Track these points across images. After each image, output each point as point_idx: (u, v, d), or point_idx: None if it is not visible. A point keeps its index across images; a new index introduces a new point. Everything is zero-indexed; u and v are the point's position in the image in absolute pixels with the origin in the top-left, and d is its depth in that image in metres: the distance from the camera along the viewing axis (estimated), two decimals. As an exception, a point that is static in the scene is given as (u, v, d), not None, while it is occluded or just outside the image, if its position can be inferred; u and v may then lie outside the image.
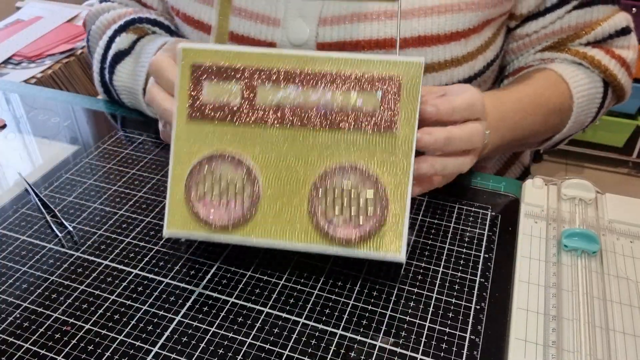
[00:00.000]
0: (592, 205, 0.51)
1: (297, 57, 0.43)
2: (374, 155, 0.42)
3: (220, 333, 0.42)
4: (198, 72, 0.44)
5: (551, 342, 0.40)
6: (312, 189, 0.42)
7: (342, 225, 0.42)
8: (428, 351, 0.40)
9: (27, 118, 0.69)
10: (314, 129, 0.43)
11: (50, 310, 0.43)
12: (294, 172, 0.43)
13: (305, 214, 0.42)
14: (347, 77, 0.42)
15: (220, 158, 0.43)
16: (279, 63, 0.43)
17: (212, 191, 0.43)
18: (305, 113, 0.43)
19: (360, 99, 0.42)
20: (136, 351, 0.40)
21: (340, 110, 0.42)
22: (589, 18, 0.64)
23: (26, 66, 1.31)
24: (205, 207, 0.43)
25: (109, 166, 0.59)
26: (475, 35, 0.60)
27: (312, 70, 0.43)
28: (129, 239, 0.50)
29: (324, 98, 0.42)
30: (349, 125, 0.42)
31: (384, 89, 0.42)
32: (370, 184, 0.42)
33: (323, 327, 0.42)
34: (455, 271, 0.47)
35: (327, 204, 0.42)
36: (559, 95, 0.63)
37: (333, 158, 0.42)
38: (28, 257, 0.48)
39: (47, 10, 1.54)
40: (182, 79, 0.44)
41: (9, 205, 0.54)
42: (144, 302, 0.44)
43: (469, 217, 0.52)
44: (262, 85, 0.43)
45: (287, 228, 0.43)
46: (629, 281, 0.44)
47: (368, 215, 0.41)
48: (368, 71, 0.42)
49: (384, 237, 0.42)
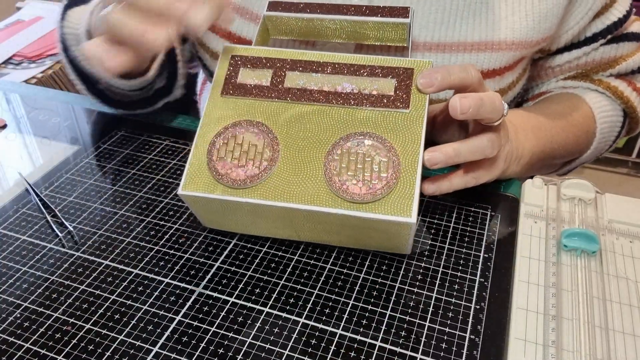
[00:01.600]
0: (591, 205, 0.51)
1: (325, 55, 0.48)
2: (388, 126, 0.45)
3: (220, 333, 0.42)
4: (235, 59, 0.49)
5: (551, 341, 0.40)
6: (329, 153, 0.44)
7: (354, 185, 0.43)
8: (428, 351, 0.40)
9: (28, 118, 0.69)
10: (335, 105, 0.46)
11: (51, 310, 0.43)
12: (313, 140, 0.45)
13: (320, 175, 0.44)
14: (367, 67, 0.47)
15: (245, 123, 0.46)
16: (309, 57, 0.48)
17: (232, 154, 0.45)
18: (327, 94, 0.47)
19: (377, 84, 0.46)
20: (136, 351, 0.40)
21: (359, 92, 0.46)
22: (615, 54, 0.65)
23: (27, 66, 1.31)
24: (223, 167, 0.45)
25: (109, 166, 0.59)
26: (509, 72, 0.60)
27: (337, 61, 0.48)
28: (129, 239, 0.50)
29: (345, 82, 0.47)
30: (367, 104, 0.46)
31: (399, 77, 0.46)
32: (383, 150, 0.44)
33: (323, 327, 0.42)
34: (455, 271, 0.47)
35: (341, 166, 0.44)
36: (585, 117, 0.64)
37: (350, 126, 0.45)
38: (28, 257, 0.48)
39: (47, 10, 1.54)
40: (221, 68, 0.49)
41: (9, 205, 0.54)
42: (144, 302, 0.44)
43: (469, 217, 0.52)
44: (291, 71, 0.48)
45: (301, 189, 0.44)
46: (628, 281, 0.44)
47: (380, 176, 0.43)
48: (386, 64, 0.47)
49: (396, 199, 0.42)
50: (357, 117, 0.46)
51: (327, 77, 0.47)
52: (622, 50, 0.65)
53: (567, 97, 0.66)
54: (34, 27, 1.45)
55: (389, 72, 0.47)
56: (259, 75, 0.48)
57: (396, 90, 0.46)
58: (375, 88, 0.46)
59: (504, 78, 0.60)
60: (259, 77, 0.48)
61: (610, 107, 0.66)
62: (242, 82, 0.48)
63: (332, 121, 0.46)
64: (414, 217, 0.42)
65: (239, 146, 0.46)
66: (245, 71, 0.49)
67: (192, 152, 0.46)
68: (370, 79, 0.47)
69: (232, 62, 0.49)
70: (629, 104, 0.66)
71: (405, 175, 0.43)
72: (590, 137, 0.66)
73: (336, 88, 0.47)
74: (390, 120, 0.45)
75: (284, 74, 0.48)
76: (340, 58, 0.48)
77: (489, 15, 0.57)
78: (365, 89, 0.46)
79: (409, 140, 0.44)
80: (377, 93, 0.46)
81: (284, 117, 0.46)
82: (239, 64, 0.49)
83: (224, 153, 0.45)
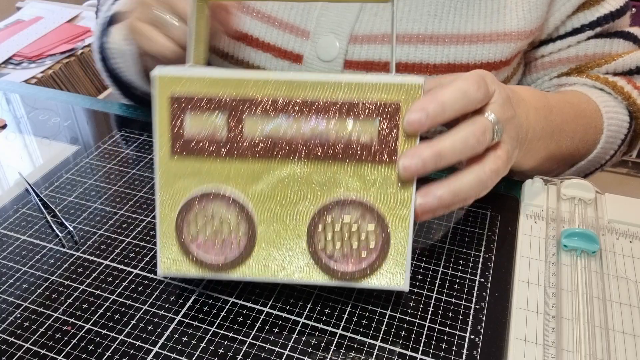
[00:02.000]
0: (591, 205, 0.51)
1: (286, 82, 0.39)
2: (374, 187, 0.40)
3: (220, 333, 0.42)
4: (177, 104, 0.39)
5: (551, 341, 0.40)
6: (311, 225, 0.40)
7: (343, 260, 0.41)
8: (428, 351, 0.40)
9: (28, 118, 0.69)
10: (309, 161, 0.40)
11: (51, 310, 0.43)
12: (290, 207, 0.41)
13: (304, 249, 0.41)
14: (341, 104, 0.38)
15: (211, 196, 0.40)
16: (266, 90, 0.39)
17: (205, 231, 0.41)
18: (298, 145, 0.39)
19: (356, 128, 0.39)
20: (136, 351, 0.40)
21: (336, 141, 0.39)
22: (609, 49, 0.63)
23: (27, 66, 1.31)
24: (199, 248, 0.42)
25: (109, 166, 0.59)
26: (506, 67, 0.59)
27: (303, 97, 0.39)
28: (129, 239, 0.50)
29: (317, 128, 0.39)
30: (346, 157, 0.39)
31: (382, 116, 0.38)
32: (370, 217, 0.40)
33: (323, 327, 0.42)
34: (455, 271, 0.47)
35: (326, 240, 0.40)
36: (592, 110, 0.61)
37: (331, 192, 0.40)
38: (28, 257, 0.48)
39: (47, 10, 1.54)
40: (161, 110, 0.40)
41: (9, 205, 0.54)
42: (144, 302, 0.44)
43: (469, 217, 0.52)
44: (249, 116, 0.39)
45: (286, 264, 0.42)
46: (628, 281, 0.44)
47: (369, 248, 0.40)
48: (364, 96, 0.38)
49: (387, 269, 0.41)
50: (337, 176, 0.40)
51: (295, 121, 0.39)
52: (616, 47, 0.63)
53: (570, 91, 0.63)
54: (34, 27, 1.45)
55: (371, 110, 0.38)
56: (211, 123, 0.40)
57: (380, 136, 0.39)
58: (356, 135, 0.39)
59: (500, 72, 0.59)
60: (212, 125, 0.40)
61: (614, 103, 0.62)
62: (193, 136, 0.40)
63: (308, 183, 0.40)
64: (406, 284, 0.41)
65: (211, 223, 0.41)
66: (192, 118, 0.40)
67: (159, 230, 0.42)
68: (348, 121, 0.39)
69: (174, 108, 0.40)
70: (630, 100, 0.62)
71: (396, 242, 0.40)
72: (598, 135, 0.61)
73: (308, 137, 0.39)
74: (375, 176, 0.40)
75: (241, 119, 0.39)
76: (308, 89, 0.39)
77: (482, 6, 0.56)
78: (343, 136, 0.39)
79: (398, 201, 0.40)
80: (358, 141, 0.39)
81: (253, 181, 0.41)
82: (183, 107, 0.40)
83: (195, 232, 0.41)
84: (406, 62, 0.57)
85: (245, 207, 0.40)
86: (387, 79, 0.38)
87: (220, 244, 0.41)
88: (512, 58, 0.59)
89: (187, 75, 0.39)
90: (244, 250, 0.41)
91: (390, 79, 0.38)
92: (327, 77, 0.38)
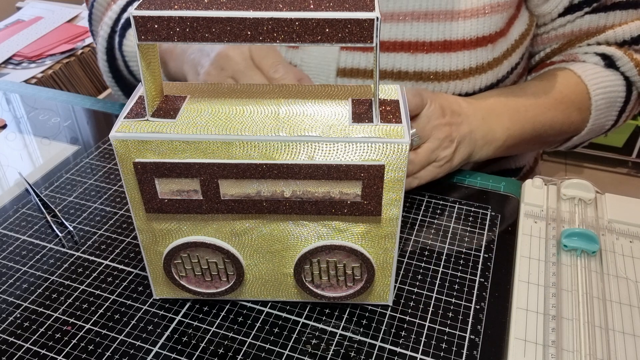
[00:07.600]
0: (591, 205, 0.51)
1: (260, 144, 0.35)
2: (358, 235, 0.39)
3: (221, 333, 0.42)
4: (143, 169, 0.36)
5: (551, 341, 0.40)
6: (297, 265, 0.41)
7: (330, 288, 0.42)
8: (428, 351, 0.40)
9: (28, 118, 0.69)
10: (291, 215, 0.38)
11: (51, 310, 0.43)
12: (276, 254, 0.41)
13: (292, 281, 0.42)
14: (322, 169, 0.35)
15: (194, 245, 0.40)
16: (238, 154, 0.35)
17: (193, 272, 0.42)
18: (279, 203, 0.37)
19: (339, 191, 0.37)
20: (136, 351, 0.40)
21: (318, 200, 0.37)
22: (604, 23, 0.63)
23: (26, 66, 1.31)
24: (189, 284, 0.43)
25: (109, 166, 0.59)
26: (502, 38, 0.59)
27: (279, 161, 0.35)
28: (129, 239, 0.50)
29: (299, 189, 0.37)
30: (330, 212, 0.37)
31: (365, 180, 0.36)
32: (355, 258, 0.40)
33: (323, 327, 0.42)
34: (455, 271, 0.47)
35: (313, 273, 0.42)
36: (577, 93, 0.63)
37: (316, 240, 0.40)
38: (28, 257, 0.48)
39: (47, 10, 1.54)
40: (126, 175, 0.37)
41: (9, 205, 0.54)
42: (144, 302, 0.44)
43: (469, 217, 0.52)
44: (223, 180, 0.36)
45: (275, 292, 0.43)
46: (628, 281, 0.44)
47: (355, 279, 0.42)
48: (346, 160, 0.35)
49: (373, 291, 0.43)
50: (321, 228, 0.39)
51: (273, 185, 0.37)
52: (612, 20, 0.63)
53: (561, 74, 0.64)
54: (34, 27, 1.45)
55: (353, 173, 0.36)
56: (183, 186, 0.37)
57: (363, 194, 0.37)
58: (338, 195, 0.37)
59: (497, 45, 0.59)
60: (185, 189, 0.37)
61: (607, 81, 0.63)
62: (165, 197, 0.37)
63: (292, 234, 0.39)
64: (390, 300, 0.43)
65: (198, 264, 0.41)
66: (162, 183, 0.37)
67: (149, 269, 0.42)
68: (330, 184, 0.36)
69: (139, 173, 0.36)
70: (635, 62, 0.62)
71: (381, 275, 0.42)
72: (585, 113, 0.63)
73: (290, 195, 0.37)
74: (359, 228, 0.39)
75: (215, 184, 0.36)
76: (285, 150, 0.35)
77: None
78: (325, 196, 0.37)
79: (382, 246, 0.40)
80: (340, 200, 0.37)
81: (236, 239, 0.40)
82: (150, 173, 0.36)
83: (184, 271, 0.42)
84: (402, 40, 0.57)
85: (231, 252, 0.40)
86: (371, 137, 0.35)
87: (210, 278, 0.42)
88: (506, 27, 0.59)
89: (147, 137, 0.35)
90: (234, 283, 0.42)
91: (375, 138, 0.35)
92: (307, 138, 0.35)
